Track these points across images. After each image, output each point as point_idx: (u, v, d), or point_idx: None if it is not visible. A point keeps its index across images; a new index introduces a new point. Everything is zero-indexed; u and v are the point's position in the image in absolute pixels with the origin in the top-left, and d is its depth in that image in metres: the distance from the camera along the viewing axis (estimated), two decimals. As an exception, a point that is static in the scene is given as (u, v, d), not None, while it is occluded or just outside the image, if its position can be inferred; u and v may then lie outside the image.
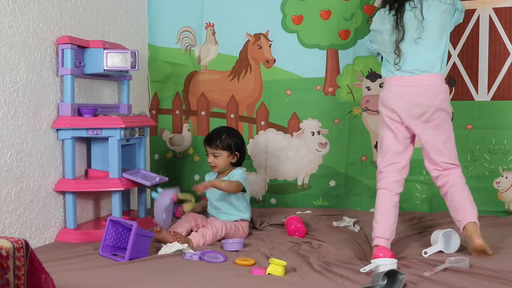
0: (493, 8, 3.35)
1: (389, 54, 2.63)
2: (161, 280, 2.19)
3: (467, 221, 2.48)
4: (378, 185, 2.65)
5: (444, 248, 2.55)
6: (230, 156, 3.02)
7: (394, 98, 2.59)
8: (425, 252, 2.49)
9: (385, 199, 2.60)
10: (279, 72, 3.72)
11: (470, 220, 2.48)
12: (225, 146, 3.01)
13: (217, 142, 3.01)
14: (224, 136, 3.03)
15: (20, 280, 1.53)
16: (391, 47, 2.61)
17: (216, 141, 3.01)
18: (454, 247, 2.57)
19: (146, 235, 2.57)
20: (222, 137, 3.02)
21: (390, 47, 2.62)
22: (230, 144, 3.02)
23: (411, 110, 2.56)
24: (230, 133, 3.08)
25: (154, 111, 3.94)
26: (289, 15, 3.69)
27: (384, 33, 2.64)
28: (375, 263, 2.26)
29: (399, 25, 2.56)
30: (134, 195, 3.54)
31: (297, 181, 3.76)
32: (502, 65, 3.35)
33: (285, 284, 2.14)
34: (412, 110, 2.56)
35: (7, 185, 2.61)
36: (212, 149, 3.02)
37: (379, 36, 2.68)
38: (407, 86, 2.57)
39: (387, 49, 2.64)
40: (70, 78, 2.92)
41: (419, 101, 2.55)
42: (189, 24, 3.86)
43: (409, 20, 2.58)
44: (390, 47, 2.62)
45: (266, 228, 3.16)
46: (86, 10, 3.19)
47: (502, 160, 3.38)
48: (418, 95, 2.56)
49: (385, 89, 2.66)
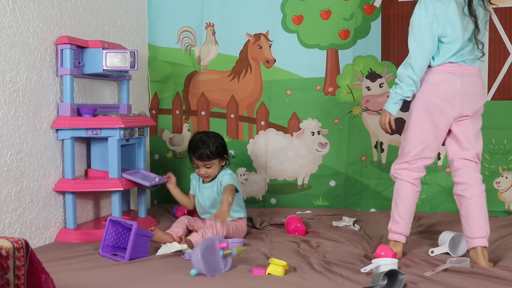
0: (493, 8, 3.34)
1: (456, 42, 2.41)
2: (161, 280, 2.18)
3: (477, 245, 2.38)
4: (402, 176, 2.51)
5: (451, 250, 2.54)
6: (221, 161, 3.01)
7: (454, 88, 2.41)
8: (432, 251, 2.49)
9: (413, 194, 2.52)
10: (279, 72, 3.73)
11: (480, 245, 2.38)
12: (215, 153, 2.95)
13: (208, 153, 2.92)
14: (211, 144, 2.95)
15: (20, 280, 1.53)
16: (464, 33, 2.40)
17: (206, 152, 2.92)
18: (461, 252, 2.56)
19: (146, 235, 2.57)
20: (210, 145, 2.94)
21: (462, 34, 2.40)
22: (219, 149, 2.97)
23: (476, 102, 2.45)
24: (211, 137, 3.00)
25: (154, 111, 3.94)
26: (289, 15, 3.69)
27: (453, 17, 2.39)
28: (376, 263, 2.26)
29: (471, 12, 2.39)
30: (134, 195, 3.54)
31: (297, 181, 3.76)
32: (502, 65, 3.36)
33: (285, 284, 2.14)
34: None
35: (7, 185, 2.61)
36: (204, 161, 2.94)
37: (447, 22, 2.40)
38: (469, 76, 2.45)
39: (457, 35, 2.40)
40: (69, 78, 2.91)
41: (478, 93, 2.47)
42: (189, 24, 3.86)
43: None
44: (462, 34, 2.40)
45: (266, 228, 3.16)
46: (86, 10, 3.19)
47: (502, 160, 3.38)
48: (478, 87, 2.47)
49: (441, 76, 2.43)
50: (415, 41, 2.41)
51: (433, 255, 2.48)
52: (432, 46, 2.40)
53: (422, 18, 2.39)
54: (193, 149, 2.99)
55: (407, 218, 2.52)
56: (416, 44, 2.41)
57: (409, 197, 2.52)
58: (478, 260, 2.36)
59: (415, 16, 2.43)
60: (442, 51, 2.42)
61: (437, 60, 2.43)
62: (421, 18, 2.40)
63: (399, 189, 2.53)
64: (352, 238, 2.87)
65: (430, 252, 2.49)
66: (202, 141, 2.97)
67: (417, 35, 2.41)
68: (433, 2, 2.38)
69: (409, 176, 2.50)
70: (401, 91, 2.42)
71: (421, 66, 2.40)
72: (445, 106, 2.42)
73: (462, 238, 2.55)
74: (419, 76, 2.40)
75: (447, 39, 2.40)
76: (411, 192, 2.52)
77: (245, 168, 3.79)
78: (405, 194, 2.51)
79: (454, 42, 2.40)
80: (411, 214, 2.53)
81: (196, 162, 2.97)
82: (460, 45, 2.39)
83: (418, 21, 2.41)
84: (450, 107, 2.42)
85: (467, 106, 2.43)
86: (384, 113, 2.50)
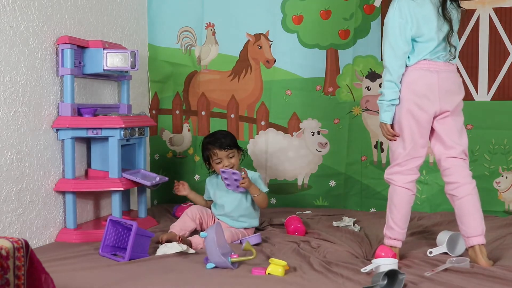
0: (493, 8, 3.35)
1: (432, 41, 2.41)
2: (161, 280, 2.18)
3: (474, 243, 2.37)
4: (395, 181, 2.47)
5: (450, 250, 2.54)
6: (239, 153, 3.01)
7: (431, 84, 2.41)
8: (430, 251, 2.49)
9: (407, 199, 2.47)
10: (279, 72, 3.73)
11: (478, 243, 2.37)
12: (235, 143, 2.98)
13: (228, 141, 2.94)
14: (228, 135, 3.02)
15: (20, 280, 1.53)
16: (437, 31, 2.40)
17: (226, 141, 2.94)
18: (459, 251, 2.56)
19: (146, 235, 2.57)
20: (229, 136, 3.00)
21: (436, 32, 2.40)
22: (235, 140, 3.01)
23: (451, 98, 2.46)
24: (224, 131, 3.12)
25: (154, 111, 3.94)
26: (289, 15, 3.69)
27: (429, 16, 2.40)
28: (376, 263, 2.26)
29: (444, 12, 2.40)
30: (134, 195, 3.54)
31: (297, 181, 3.76)
32: (502, 65, 3.36)
33: (285, 284, 2.14)
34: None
35: (7, 185, 2.61)
36: (226, 151, 2.92)
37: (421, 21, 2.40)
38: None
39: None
40: (70, 78, 2.92)
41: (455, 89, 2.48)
42: (189, 24, 3.86)
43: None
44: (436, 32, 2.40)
45: (266, 228, 3.16)
46: (86, 10, 3.19)
47: (502, 160, 3.38)
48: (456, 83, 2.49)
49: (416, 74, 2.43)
50: (389, 44, 2.40)
51: (431, 255, 2.47)
52: (406, 47, 2.39)
53: (395, 20, 2.38)
54: (211, 143, 2.95)
55: (402, 224, 2.48)
56: (390, 47, 2.40)
57: (403, 202, 2.48)
58: (477, 259, 2.35)
59: (388, 18, 2.42)
60: (417, 50, 2.42)
61: (412, 59, 2.43)
62: (394, 20, 2.39)
63: (393, 194, 2.50)
64: (352, 238, 2.87)
65: (428, 253, 2.48)
66: (220, 133, 3.03)
67: (390, 37, 2.39)
68: (408, 2, 2.37)
69: (402, 181, 2.47)
70: (385, 97, 2.42)
71: (397, 67, 2.39)
72: (424, 102, 2.41)
73: (459, 237, 2.55)
74: (396, 77, 2.39)
75: (422, 39, 2.40)
76: (405, 197, 2.48)
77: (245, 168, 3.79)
78: (399, 200, 2.47)
79: (429, 41, 2.40)
80: (406, 220, 2.50)
81: (219, 153, 2.91)
82: (436, 44, 2.40)
83: (391, 23, 2.40)
84: (429, 103, 2.41)
85: (446, 101, 2.43)
86: (381, 125, 2.49)
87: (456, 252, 2.55)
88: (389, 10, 2.42)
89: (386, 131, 2.47)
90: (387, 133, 2.48)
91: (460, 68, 3.41)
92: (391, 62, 2.40)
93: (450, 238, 2.54)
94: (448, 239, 2.54)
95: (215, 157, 2.94)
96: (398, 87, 2.41)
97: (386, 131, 2.48)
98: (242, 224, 2.94)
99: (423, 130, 2.45)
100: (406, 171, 2.47)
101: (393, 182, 2.49)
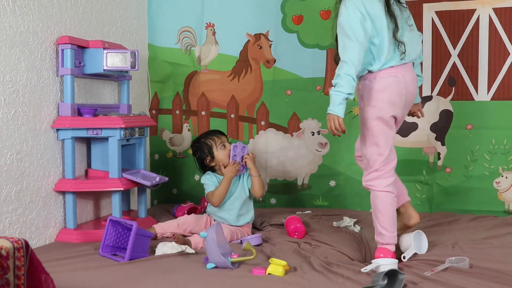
0: (493, 8, 3.35)
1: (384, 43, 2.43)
2: (161, 280, 2.18)
3: (406, 200, 2.66)
4: (375, 187, 2.47)
5: (417, 249, 2.55)
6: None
7: (399, 93, 2.46)
8: (403, 256, 2.48)
9: (390, 202, 2.47)
10: (279, 72, 3.73)
11: (408, 200, 2.66)
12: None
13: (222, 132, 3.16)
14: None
15: (20, 280, 1.53)
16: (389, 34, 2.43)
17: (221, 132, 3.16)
18: (424, 248, 2.59)
19: (146, 235, 2.57)
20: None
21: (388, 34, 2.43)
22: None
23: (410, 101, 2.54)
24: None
25: (154, 111, 3.94)
26: (289, 15, 3.69)
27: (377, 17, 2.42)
28: (376, 263, 2.27)
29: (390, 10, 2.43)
30: (134, 195, 3.54)
31: (297, 181, 3.76)
32: (502, 65, 3.35)
33: (285, 284, 2.14)
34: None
35: (7, 185, 2.61)
36: (226, 137, 3.12)
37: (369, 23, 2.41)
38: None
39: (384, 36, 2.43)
40: (70, 78, 2.92)
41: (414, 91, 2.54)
42: (189, 24, 3.86)
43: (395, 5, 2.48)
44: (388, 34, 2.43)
45: (266, 228, 3.16)
46: (86, 10, 3.19)
47: (502, 160, 3.38)
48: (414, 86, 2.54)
49: (386, 82, 2.45)
50: (347, 38, 2.35)
51: (405, 260, 2.46)
52: (364, 38, 2.35)
53: (350, 15, 2.36)
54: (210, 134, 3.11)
55: (390, 228, 2.47)
56: (348, 40, 2.35)
57: (387, 206, 2.47)
58: (410, 210, 2.63)
59: (342, 15, 2.39)
60: (377, 53, 2.42)
61: (376, 65, 2.43)
62: (349, 15, 2.36)
63: (375, 200, 2.49)
64: (352, 239, 2.87)
65: (402, 258, 2.47)
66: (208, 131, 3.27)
67: (348, 30, 2.35)
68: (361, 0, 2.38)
69: (381, 185, 2.46)
70: (342, 88, 2.33)
71: (357, 63, 2.35)
72: (394, 109, 2.44)
73: (421, 235, 2.60)
74: (355, 71, 2.34)
75: (377, 40, 2.40)
76: (388, 200, 2.47)
77: (252, 152, 3.80)
78: (382, 205, 2.47)
79: (384, 40, 2.40)
80: (393, 223, 2.49)
81: (222, 137, 3.08)
82: (388, 44, 2.40)
83: (346, 18, 2.37)
84: (397, 109, 2.45)
85: (407, 108, 2.53)
86: (330, 117, 2.38)
87: (422, 250, 2.58)
88: (341, 9, 2.40)
89: (337, 124, 2.39)
90: (336, 127, 2.39)
91: (460, 68, 3.42)
92: (352, 56, 2.33)
93: (414, 238, 2.55)
94: (413, 240, 2.54)
95: (218, 141, 3.05)
96: (355, 82, 2.37)
97: (336, 125, 2.39)
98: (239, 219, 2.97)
99: (393, 133, 2.51)
100: (384, 174, 2.47)
101: (374, 187, 2.48)
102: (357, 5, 2.37)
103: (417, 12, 3.46)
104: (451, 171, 3.46)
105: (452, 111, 3.45)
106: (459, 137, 3.44)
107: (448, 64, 3.44)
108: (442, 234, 2.91)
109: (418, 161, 3.52)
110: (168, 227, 2.94)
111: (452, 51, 3.42)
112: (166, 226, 2.94)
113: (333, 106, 2.37)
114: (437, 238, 2.79)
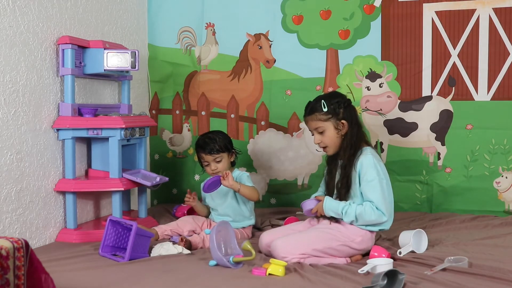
0: (493, 8, 3.35)
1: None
2: (161, 280, 2.19)
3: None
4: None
5: (416, 248, 2.56)
6: (229, 155, 3.01)
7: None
8: (399, 252, 2.50)
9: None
10: (279, 72, 3.73)
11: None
12: (223, 147, 2.97)
13: (216, 146, 2.95)
14: (218, 139, 2.98)
15: (20, 280, 1.53)
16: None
17: (214, 146, 2.95)
18: (424, 247, 2.60)
19: (146, 235, 2.57)
20: (217, 140, 2.97)
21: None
22: (226, 143, 3.00)
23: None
24: (217, 134, 3.05)
25: (154, 111, 3.94)
26: (289, 15, 3.69)
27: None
28: (372, 263, 2.27)
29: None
30: (134, 195, 3.54)
31: (297, 181, 3.76)
32: (502, 65, 3.35)
33: (285, 284, 2.14)
34: None
35: (7, 185, 2.61)
36: (213, 155, 2.95)
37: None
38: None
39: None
40: (70, 78, 2.92)
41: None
42: (189, 24, 3.86)
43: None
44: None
45: (266, 228, 3.15)
46: (86, 10, 3.19)
47: (502, 160, 3.38)
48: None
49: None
50: (384, 198, 2.51)
51: (401, 255, 2.48)
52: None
53: (380, 164, 2.56)
54: (201, 146, 3.00)
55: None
56: (388, 195, 2.55)
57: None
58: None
59: (370, 165, 2.52)
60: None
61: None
62: (378, 164, 2.54)
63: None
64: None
65: (398, 253, 2.49)
66: (209, 137, 3.00)
67: (385, 187, 2.53)
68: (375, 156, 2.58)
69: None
70: (346, 218, 2.51)
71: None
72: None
73: (422, 233, 2.61)
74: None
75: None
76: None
77: (245, 168, 3.78)
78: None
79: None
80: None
81: (206, 157, 2.97)
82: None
83: (383, 171, 2.56)
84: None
85: None
86: (319, 209, 2.59)
87: (421, 249, 2.58)
88: (367, 160, 2.54)
89: (317, 213, 2.62)
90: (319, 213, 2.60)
91: (460, 68, 3.42)
92: (391, 210, 2.57)
93: (414, 236, 2.57)
94: (412, 237, 2.56)
95: (202, 160, 3.02)
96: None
97: (317, 213, 2.62)
98: (238, 225, 2.96)
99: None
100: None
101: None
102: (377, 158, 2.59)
103: (417, 12, 3.46)
104: (451, 171, 3.46)
105: (452, 111, 3.45)
106: (459, 137, 3.44)
107: (448, 64, 3.44)
108: (441, 234, 2.91)
109: (418, 161, 3.52)
110: (168, 227, 2.94)
111: (452, 51, 3.42)
112: (166, 227, 2.94)
113: (330, 211, 2.56)
114: (437, 237, 2.79)
